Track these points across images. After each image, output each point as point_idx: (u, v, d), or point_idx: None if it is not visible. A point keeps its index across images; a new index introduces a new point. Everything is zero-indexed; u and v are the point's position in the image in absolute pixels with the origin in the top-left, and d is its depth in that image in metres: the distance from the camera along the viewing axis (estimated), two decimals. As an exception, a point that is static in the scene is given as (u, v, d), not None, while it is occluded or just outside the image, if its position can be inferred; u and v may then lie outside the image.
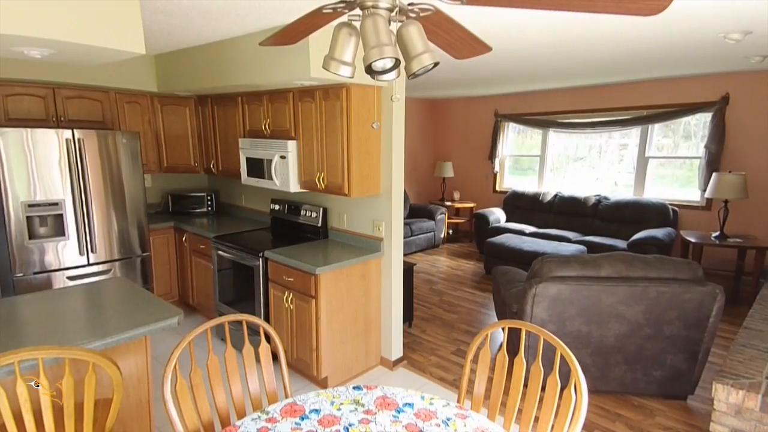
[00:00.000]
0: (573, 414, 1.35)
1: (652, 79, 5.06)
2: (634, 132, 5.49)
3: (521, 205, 6.16)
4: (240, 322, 3.20)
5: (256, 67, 2.81)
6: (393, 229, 2.97)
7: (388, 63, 0.93)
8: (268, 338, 2.89)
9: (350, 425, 1.36)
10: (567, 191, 5.92)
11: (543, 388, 2.59)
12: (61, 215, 2.99)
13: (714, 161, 4.74)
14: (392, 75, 1.03)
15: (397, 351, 3.16)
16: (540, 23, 2.52)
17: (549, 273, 2.53)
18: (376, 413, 1.42)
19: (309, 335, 2.77)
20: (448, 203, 7.02)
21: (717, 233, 4.45)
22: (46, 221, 2.95)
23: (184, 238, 3.81)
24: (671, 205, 5.09)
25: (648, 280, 2.48)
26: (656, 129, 5.35)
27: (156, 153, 3.92)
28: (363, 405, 1.47)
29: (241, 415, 1.56)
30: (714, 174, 4.39)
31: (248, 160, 3.41)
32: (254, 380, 1.64)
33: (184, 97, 3.96)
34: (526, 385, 2.61)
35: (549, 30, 2.67)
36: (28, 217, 2.88)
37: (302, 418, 1.39)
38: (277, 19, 2.44)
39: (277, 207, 3.71)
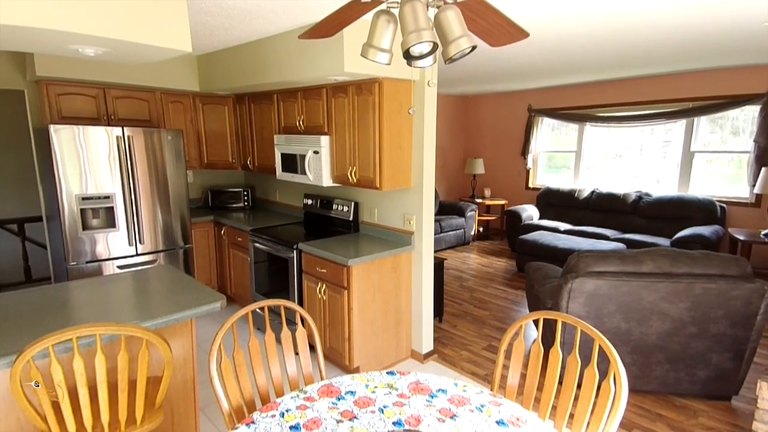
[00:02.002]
0: (612, 406, 1.33)
1: (698, 70, 4.81)
2: (678, 127, 5.24)
3: (555, 202, 6.00)
4: (278, 307, 3.31)
5: (292, 64, 2.89)
6: (424, 222, 2.98)
7: (426, 48, 0.95)
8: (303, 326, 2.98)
9: (384, 407, 1.39)
10: (605, 187, 5.73)
11: (579, 386, 2.53)
12: (111, 208, 3.19)
13: (763, 155, 4.46)
14: (429, 61, 1.04)
15: (427, 344, 3.17)
16: (579, 12, 2.46)
17: (586, 268, 2.47)
18: (409, 397, 1.45)
19: (341, 325, 2.82)
20: (479, 200, 6.94)
21: (767, 231, 4.18)
22: (98, 213, 3.15)
23: (222, 232, 3.97)
24: (718, 201, 4.82)
25: (693, 276, 2.37)
26: (702, 124, 5.08)
27: (197, 150, 4.10)
28: (397, 389, 1.50)
29: (279, 394, 1.62)
30: (763, 169, 4.13)
31: (283, 155, 3.51)
32: (291, 363, 1.70)
33: (224, 96, 4.12)
34: (561, 382, 2.55)
35: (588, 19, 2.60)
36: (81, 210, 3.09)
37: (338, 399, 1.43)
38: (312, 17, 2.51)
39: (309, 202, 3.79)
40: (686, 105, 5.05)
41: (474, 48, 0.95)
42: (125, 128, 3.20)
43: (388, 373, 1.61)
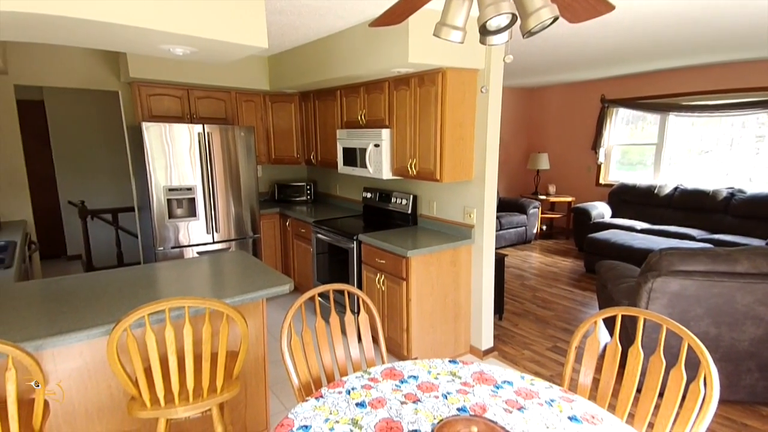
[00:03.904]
0: (700, 409, 1.21)
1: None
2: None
3: (630, 200, 5.57)
4: (341, 298, 3.41)
5: (357, 58, 2.96)
6: (485, 215, 2.91)
7: (504, 20, 0.92)
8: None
9: (448, 393, 1.38)
10: (690, 184, 5.21)
11: (661, 395, 2.33)
12: (193, 199, 3.48)
13: None
14: (504, 36, 1.01)
15: (487, 341, 3.09)
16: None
17: (670, 267, 2.26)
18: (473, 386, 1.42)
19: (400, 316, 2.84)
20: (542, 197, 6.63)
21: None
22: (182, 204, 3.45)
23: (287, 223, 4.17)
24: (833, 199, 4.19)
25: (801, 279, 2.08)
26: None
27: (266, 146, 4.34)
28: (460, 377, 1.48)
29: (343, 374, 1.67)
30: None
31: (344, 150, 3.61)
32: (353, 347, 1.75)
33: (290, 94, 4.32)
34: (639, 390, 2.36)
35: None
36: (168, 200, 3.40)
37: (402, 382, 1.44)
38: (379, 9, 2.54)
39: (369, 195, 3.86)
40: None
41: (556, 19, 0.90)
42: (205, 125, 3.46)
43: (450, 361, 1.60)
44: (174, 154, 3.36)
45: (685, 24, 3.04)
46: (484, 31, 0.96)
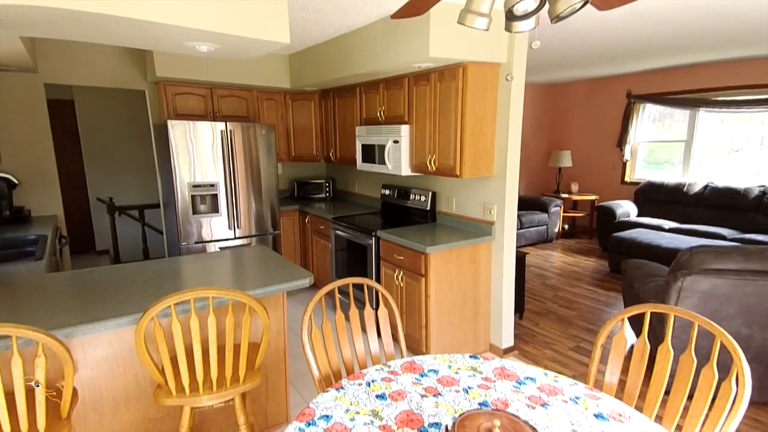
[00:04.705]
0: (731, 408, 1.16)
1: None
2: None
3: (658, 198, 5.39)
4: (360, 293, 3.42)
5: (377, 54, 2.95)
6: (506, 212, 2.87)
7: (531, 4, 0.90)
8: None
9: (469, 388, 1.36)
10: (721, 182, 5.02)
11: (690, 397, 2.25)
12: (215, 195, 3.55)
13: None
14: (531, 23, 0.99)
15: (507, 339, 3.05)
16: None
17: (701, 265, 2.17)
18: (495, 381, 1.40)
19: (418, 312, 2.83)
20: (564, 195, 6.49)
21: None
22: (205, 200, 3.52)
23: (306, 220, 4.21)
24: None
25: (844, 279, 1.98)
26: None
27: (286, 143, 4.39)
28: (481, 372, 1.46)
29: (362, 367, 1.67)
30: None
31: (363, 146, 3.61)
32: (373, 342, 1.75)
33: (310, 92, 4.35)
34: (667, 392, 2.28)
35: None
36: (192, 196, 3.47)
37: (422, 375, 1.43)
38: (398, 6, 2.53)
39: (387, 192, 3.85)
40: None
41: (586, 3, 0.88)
42: (228, 123, 3.53)
43: (471, 356, 1.58)
44: (198, 152, 3.43)
45: (718, 16, 2.92)
46: (511, 17, 0.94)
